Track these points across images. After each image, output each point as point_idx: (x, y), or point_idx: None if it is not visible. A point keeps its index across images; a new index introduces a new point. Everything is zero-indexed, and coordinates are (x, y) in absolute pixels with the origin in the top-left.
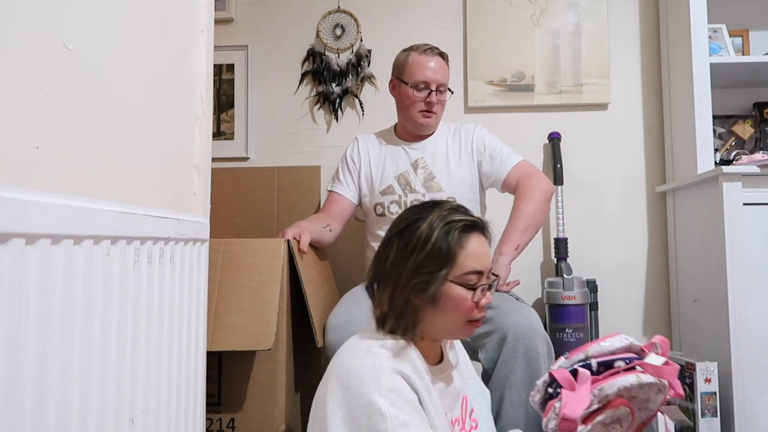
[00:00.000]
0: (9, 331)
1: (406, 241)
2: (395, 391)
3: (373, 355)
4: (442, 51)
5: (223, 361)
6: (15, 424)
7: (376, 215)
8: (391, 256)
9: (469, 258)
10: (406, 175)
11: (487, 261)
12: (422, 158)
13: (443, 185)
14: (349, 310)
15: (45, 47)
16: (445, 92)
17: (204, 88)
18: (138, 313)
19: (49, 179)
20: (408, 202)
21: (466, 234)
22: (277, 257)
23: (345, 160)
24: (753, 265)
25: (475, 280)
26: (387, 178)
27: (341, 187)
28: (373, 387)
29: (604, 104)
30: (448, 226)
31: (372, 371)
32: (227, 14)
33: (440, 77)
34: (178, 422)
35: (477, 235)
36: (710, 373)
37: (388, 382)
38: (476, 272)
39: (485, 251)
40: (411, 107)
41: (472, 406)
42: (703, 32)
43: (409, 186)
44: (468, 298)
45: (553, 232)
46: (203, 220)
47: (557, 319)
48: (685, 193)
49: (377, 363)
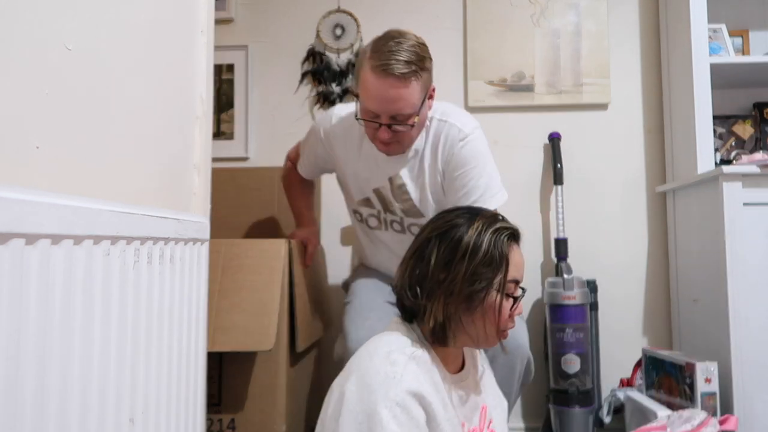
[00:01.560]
0: (9, 331)
1: (450, 245)
2: (402, 406)
3: (390, 363)
4: (409, 68)
5: (223, 361)
6: (15, 424)
7: (355, 219)
8: (433, 259)
9: (513, 267)
10: (383, 191)
11: (523, 271)
12: (398, 175)
13: (421, 209)
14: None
15: (45, 47)
16: (410, 120)
17: (204, 88)
18: (138, 313)
19: (49, 179)
20: (387, 220)
21: (510, 243)
22: (278, 258)
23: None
24: (753, 265)
25: (513, 290)
26: (364, 190)
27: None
28: (381, 397)
29: (604, 104)
30: (497, 234)
31: (383, 381)
32: (227, 14)
33: (397, 107)
34: (178, 422)
35: (517, 245)
36: (710, 373)
37: (396, 395)
38: (516, 282)
39: (523, 261)
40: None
41: (491, 417)
42: (703, 32)
43: (387, 205)
44: (508, 308)
45: (553, 232)
46: (203, 220)
47: (557, 319)
48: (685, 193)
49: (391, 373)
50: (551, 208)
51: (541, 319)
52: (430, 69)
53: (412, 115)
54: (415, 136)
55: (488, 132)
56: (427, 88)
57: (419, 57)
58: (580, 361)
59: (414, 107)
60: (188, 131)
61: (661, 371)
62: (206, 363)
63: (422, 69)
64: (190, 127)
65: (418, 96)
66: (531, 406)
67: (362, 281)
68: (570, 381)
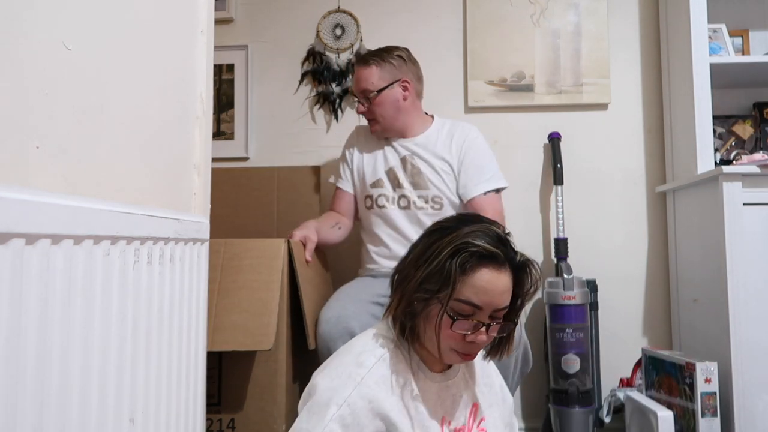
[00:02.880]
0: (9, 331)
1: (425, 247)
2: (352, 408)
3: (358, 365)
4: (372, 56)
5: (223, 361)
6: (15, 424)
7: (365, 208)
8: (411, 256)
9: (469, 288)
10: (395, 170)
11: (493, 299)
12: (411, 155)
13: (430, 184)
14: (343, 305)
15: (45, 47)
16: (370, 96)
17: (204, 88)
18: (138, 313)
19: (50, 179)
20: (396, 198)
21: (477, 263)
22: (278, 257)
23: (343, 153)
24: (753, 265)
25: (468, 312)
26: (377, 171)
27: (342, 182)
28: (337, 395)
29: (604, 104)
30: (459, 249)
31: (345, 380)
32: (227, 14)
33: (361, 86)
34: (178, 422)
35: (492, 269)
36: (710, 373)
37: (350, 397)
38: (471, 304)
39: (494, 288)
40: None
41: (483, 415)
42: (703, 32)
43: (397, 181)
44: (448, 326)
45: (553, 232)
46: (203, 220)
47: (557, 319)
48: (685, 193)
49: (354, 374)
50: (551, 208)
51: (541, 319)
52: (398, 65)
53: (371, 91)
54: (387, 116)
55: (488, 132)
56: (393, 76)
57: (387, 51)
58: (580, 361)
59: (372, 86)
60: (188, 131)
61: (661, 371)
62: (206, 363)
63: (384, 60)
64: (190, 127)
65: (377, 78)
66: (531, 406)
67: (349, 283)
68: (570, 381)
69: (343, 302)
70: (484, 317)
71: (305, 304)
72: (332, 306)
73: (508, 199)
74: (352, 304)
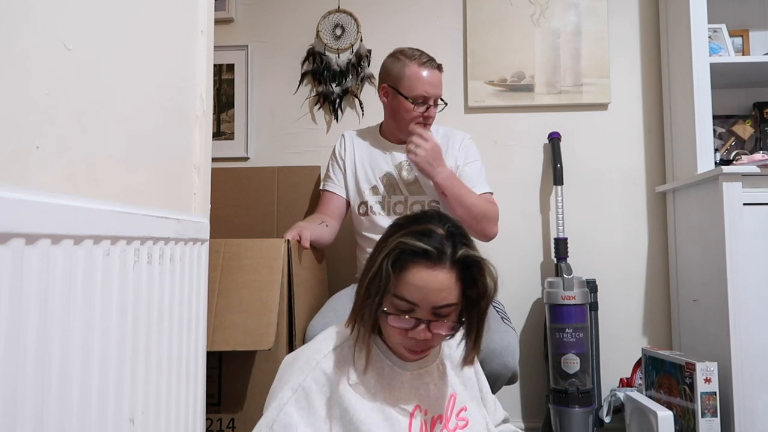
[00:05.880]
0: (9, 331)
1: (374, 249)
2: (305, 391)
3: (316, 351)
4: (438, 62)
5: (223, 361)
6: (15, 424)
7: (359, 214)
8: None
9: (404, 285)
10: (391, 176)
11: (427, 295)
12: (407, 161)
13: (425, 189)
14: (328, 321)
15: (45, 47)
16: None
17: (204, 88)
18: (138, 313)
19: (50, 179)
20: (392, 204)
21: (410, 260)
22: (277, 257)
23: (334, 157)
24: (753, 265)
25: (405, 308)
26: (372, 178)
27: (332, 185)
28: (293, 378)
29: (604, 104)
30: (393, 247)
31: (303, 364)
32: (227, 14)
33: (439, 91)
34: (178, 422)
35: (425, 267)
36: (710, 373)
37: (304, 381)
38: (407, 301)
39: (427, 285)
40: (408, 119)
41: (463, 405)
42: (703, 32)
43: (393, 187)
44: (391, 324)
45: (553, 232)
46: (203, 220)
47: (557, 319)
48: (685, 193)
49: (311, 359)
50: (551, 208)
51: (540, 319)
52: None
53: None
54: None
55: (488, 132)
56: (382, 78)
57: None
58: (580, 361)
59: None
60: (188, 131)
61: (661, 371)
62: (206, 363)
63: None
64: (190, 127)
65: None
66: (531, 406)
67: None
68: (570, 381)
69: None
70: (423, 314)
71: (297, 307)
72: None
73: (508, 199)
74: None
